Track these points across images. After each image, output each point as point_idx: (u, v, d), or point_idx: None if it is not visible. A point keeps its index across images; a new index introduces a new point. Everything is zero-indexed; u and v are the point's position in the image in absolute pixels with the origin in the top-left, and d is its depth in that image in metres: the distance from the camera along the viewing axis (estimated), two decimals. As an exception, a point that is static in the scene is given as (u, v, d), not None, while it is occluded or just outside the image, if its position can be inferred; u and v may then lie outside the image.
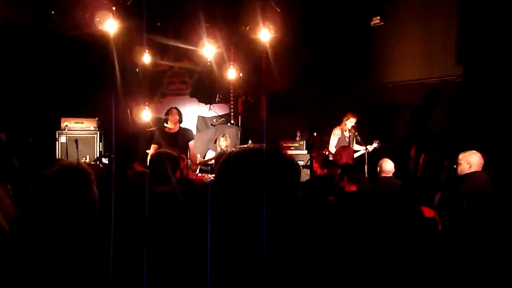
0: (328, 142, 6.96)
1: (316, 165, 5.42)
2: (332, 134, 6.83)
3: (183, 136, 5.97)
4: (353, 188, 3.76)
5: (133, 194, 3.00)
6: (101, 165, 6.11)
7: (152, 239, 1.60)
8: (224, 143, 7.96)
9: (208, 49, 7.53)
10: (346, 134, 6.77)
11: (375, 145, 6.65)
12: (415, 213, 2.97)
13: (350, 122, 6.64)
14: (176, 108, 6.12)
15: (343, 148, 6.13)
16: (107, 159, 6.35)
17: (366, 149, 6.53)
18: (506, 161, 5.18)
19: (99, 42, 7.74)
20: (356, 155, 6.65)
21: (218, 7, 7.38)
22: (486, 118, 5.91)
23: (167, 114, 6.07)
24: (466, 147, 4.31)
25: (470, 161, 4.09)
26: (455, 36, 6.55)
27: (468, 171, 4.07)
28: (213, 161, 7.10)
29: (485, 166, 4.13)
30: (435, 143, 6.69)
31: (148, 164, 5.15)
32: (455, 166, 4.26)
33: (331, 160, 5.74)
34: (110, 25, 6.22)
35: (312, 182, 4.77)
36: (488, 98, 5.93)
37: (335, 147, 6.66)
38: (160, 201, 2.58)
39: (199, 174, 6.21)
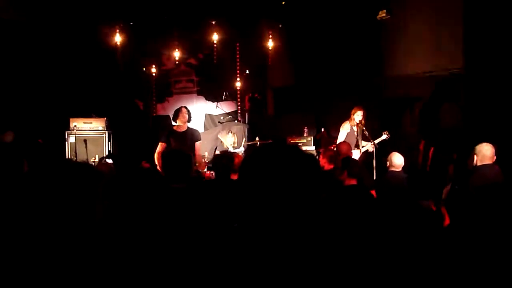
0: (336, 138, 6.92)
1: (323, 161, 5.39)
2: (341, 128, 6.80)
3: (191, 136, 5.97)
4: (353, 182, 3.72)
5: (144, 190, 3.03)
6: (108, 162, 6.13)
7: (169, 234, 1.62)
8: (231, 140, 7.97)
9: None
10: (355, 128, 6.73)
11: (384, 136, 6.58)
12: (421, 207, 2.93)
13: (357, 115, 6.61)
14: (185, 107, 6.11)
15: (341, 143, 6.11)
16: (111, 159, 6.37)
17: (374, 144, 6.48)
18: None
19: (107, 42, 7.84)
20: (363, 150, 6.61)
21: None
22: (495, 110, 5.83)
23: (176, 113, 6.05)
24: (475, 140, 4.26)
25: (482, 154, 4.04)
26: (462, 28, 6.46)
27: (479, 164, 4.03)
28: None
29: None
30: (444, 136, 6.62)
31: (160, 161, 5.15)
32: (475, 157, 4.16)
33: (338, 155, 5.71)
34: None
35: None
36: (496, 90, 5.86)
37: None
38: (179, 198, 2.62)
39: (208, 172, 6.21)
